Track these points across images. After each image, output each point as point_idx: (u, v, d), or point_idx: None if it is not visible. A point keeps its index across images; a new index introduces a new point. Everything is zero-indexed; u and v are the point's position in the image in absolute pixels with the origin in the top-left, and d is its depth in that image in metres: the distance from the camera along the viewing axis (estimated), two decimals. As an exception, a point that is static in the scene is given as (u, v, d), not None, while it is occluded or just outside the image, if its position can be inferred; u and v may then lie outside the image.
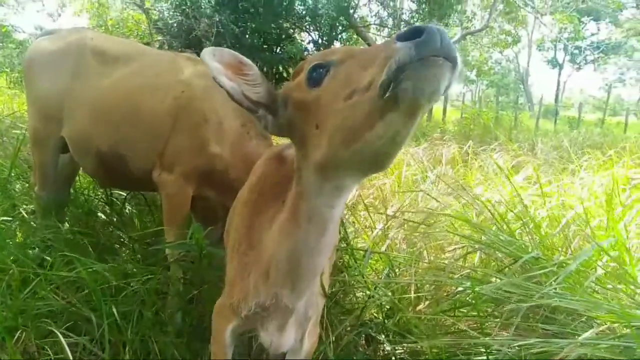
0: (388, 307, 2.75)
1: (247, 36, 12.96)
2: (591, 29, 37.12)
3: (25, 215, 3.59)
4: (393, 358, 2.42)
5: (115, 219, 3.72)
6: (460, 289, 2.65)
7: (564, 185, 4.11)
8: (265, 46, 13.62)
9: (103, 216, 3.76)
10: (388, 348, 2.51)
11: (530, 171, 4.78)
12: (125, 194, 3.93)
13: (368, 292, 2.75)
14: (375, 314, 2.81)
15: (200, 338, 2.41)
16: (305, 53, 14.97)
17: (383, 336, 2.53)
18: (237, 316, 1.64)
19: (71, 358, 2.07)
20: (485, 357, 2.01)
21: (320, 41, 14.93)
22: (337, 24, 14.47)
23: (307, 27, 14.68)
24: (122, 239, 3.41)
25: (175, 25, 12.64)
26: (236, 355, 1.81)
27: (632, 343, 1.69)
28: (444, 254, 3.30)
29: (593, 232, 2.87)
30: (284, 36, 13.94)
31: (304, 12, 14.03)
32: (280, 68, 13.93)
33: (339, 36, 15.22)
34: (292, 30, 14.68)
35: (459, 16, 16.23)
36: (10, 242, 2.88)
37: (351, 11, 14.29)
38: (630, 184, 3.89)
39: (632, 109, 31.33)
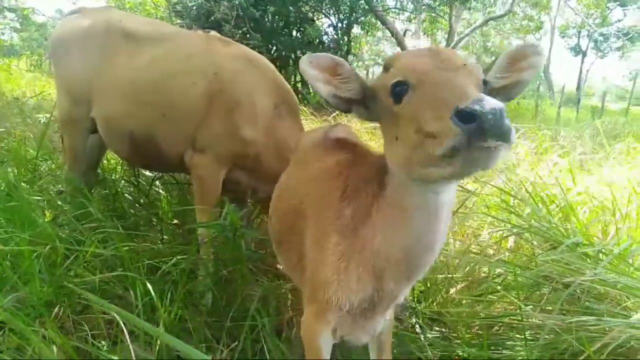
0: (419, 291, 2.73)
1: (266, 19, 12.87)
2: (617, 15, 36.16)
3: (53, 195, 3.63)
4: (424, 341, 2.40)
5: (142, 200, 3.74)
6: (498, 271, 2.62)
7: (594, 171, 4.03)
8: (285, 30, 13.52)
9: (130, 197, 3.79)
10: (418, 330, 2.50)
11: (556, 158, 4.73)
12: (153, 175, 3.95)
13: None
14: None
15: (230, 318, 2.42)
16: (325, 37, 14.86)
17: (414, 319, 2.51)
18: (334, 316, 1.59)
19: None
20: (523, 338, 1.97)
21: (340, 25, 14.79)
22: (357, 8, 14.29)
23: (327, 10, 14.53)
24: (152, 221, 3.42)
25: (194, 8, 12.56)
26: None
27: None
28: (476, 239, 3.26)
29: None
30: (303, 20, 13.82)
31: (323, -4, 13.87)
32: (299, 52, 13.83)
33: (359, 20, 15.04)
34: (311, 14, 14.55)
35: (481, 0, 15.88)
36: (42, 220, 2.90)
37: (371, -5, 14.08)
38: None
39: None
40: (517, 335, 2.24)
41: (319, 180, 1.76)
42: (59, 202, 3.42)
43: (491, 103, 0.98)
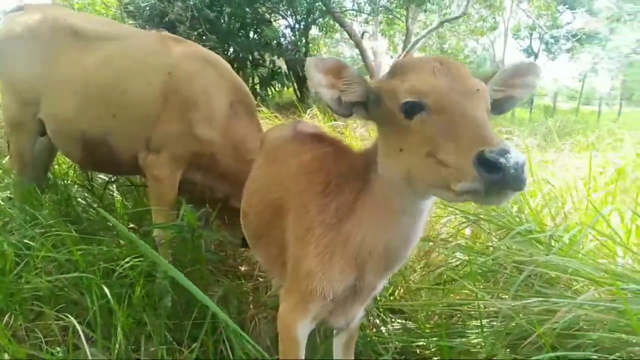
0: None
1: (222, 21, 12.74)
2: (566, 17, 37.57)
3: (2, 202, 3.47)
4: (385, 332, 2.43)
5: (96, 205, 3.63)
6: (455, 259, 2.70)
7: (546, 164, 4.19)
8: (241, 31, 13.42)
9: (84, 202, 3.67)
10: (379, 322, 2.53)
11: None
12: (106, 178, 3.85)
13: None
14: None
15: (190, 319, 2.38)
16: (282, 39, 14.83)
17: (375, 311, 2.55)
18: (316, 305, 1.63)
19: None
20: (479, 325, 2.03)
21: (297, 26, 14.80)
22: (314, 9, 14.33)
23: (284, 12, 14.52)
24: (108, 224, 3.33)
25: (147, 8, 12.23)
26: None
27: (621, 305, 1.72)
28: (435, 228, 3.34)
29: (592, 204, 2.91)
30: (260, 21, 13.76)
31: (280, -4, 13.83)
32: (257, 54, 13.76)
33: (317, 21, 15.10)
34: (268, 15, 14.50)
35: (437, 2, 16.22)
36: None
37: (328, -4, 14.15)
38: (610, 167, 4.00)
39: (604, 99, 32.17)
40: (475, 323, 2.30)
41: (299, 176, 1.77)
42: (8, 209, 3.28)
43: (515, 157, 1.01)
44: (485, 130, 1.10)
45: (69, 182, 3.91)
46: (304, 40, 14.69)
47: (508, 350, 1.99)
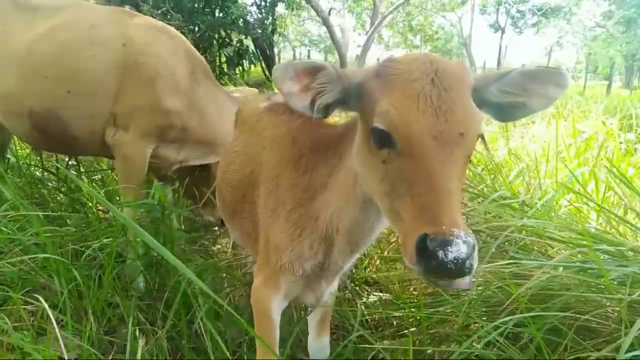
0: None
1: (187, -2, 12.36)
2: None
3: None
4: (361, 306, 2.44)
5: (63, 187, 3.50)
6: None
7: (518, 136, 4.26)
8: (206, 9, 13.07)
9: (50, 184, 3.55)
10: (353, 295, 2.54)
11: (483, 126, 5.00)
12: (67, 159, 3.71)
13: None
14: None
15: (164, 299, 2.33)
16: (249, 17, 14.52)
17: (350, 284, 2.55)
18: (286, 281, 1.61)
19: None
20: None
21: (263, 3, 14.52)
22: (280, -15, 14.08)
23: (250, -12, 14.21)
24: (75, 206, 3.22)
25: (109, -14, 11.84)
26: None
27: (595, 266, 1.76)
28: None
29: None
30: (226, -2, 13.41)
31: (246, -27, 13.51)
32: (223, 32, 13.45)
33: (284, -1, 14.83)
34: (234, -8, 14.13)
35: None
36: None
37: (295, -27, 13.90)
38: (579, 137, 4.10)
39: (570, 72, 32.97)
40: (451, 292, 2.31)
41: (273, 147, 1.73)
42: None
43: (456, 252, 0.94)
44: (444, 203, 0.99)
45: (31, 164, 3.77)
46: (270, 18, 14.43)
47: (484, 317, 2.01)
